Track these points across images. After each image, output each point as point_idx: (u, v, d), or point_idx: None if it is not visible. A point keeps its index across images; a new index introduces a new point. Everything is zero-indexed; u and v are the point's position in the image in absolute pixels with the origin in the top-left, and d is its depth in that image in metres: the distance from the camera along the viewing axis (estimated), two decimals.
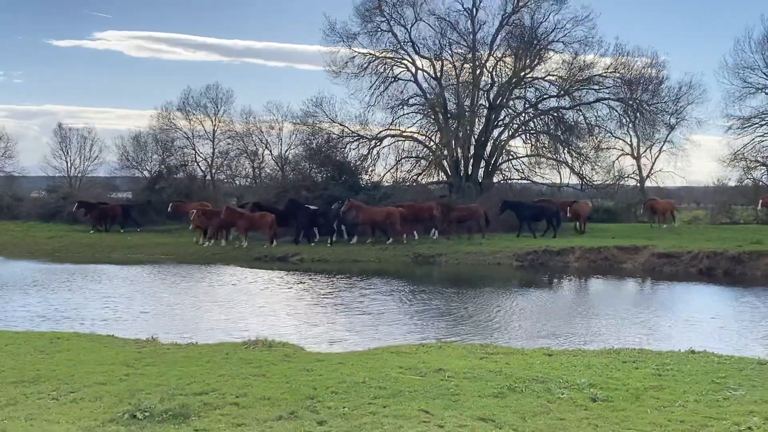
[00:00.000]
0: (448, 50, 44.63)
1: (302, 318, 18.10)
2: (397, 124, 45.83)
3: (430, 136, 46.27)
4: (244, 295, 22.08)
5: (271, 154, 54.54)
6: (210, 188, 52.38)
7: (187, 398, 8.51)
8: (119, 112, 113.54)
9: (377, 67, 44.95)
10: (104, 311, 18.84)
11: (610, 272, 28.52)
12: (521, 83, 44.88)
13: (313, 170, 44.12)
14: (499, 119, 45.53)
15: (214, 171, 55.09)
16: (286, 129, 53.18)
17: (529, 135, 46.09)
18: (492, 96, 44.83)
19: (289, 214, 36.04)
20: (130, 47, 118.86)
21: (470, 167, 44.55)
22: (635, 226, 38.75)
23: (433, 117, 45.44)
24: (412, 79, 45.36)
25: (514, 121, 46.07)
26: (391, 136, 45.94)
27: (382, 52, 44.83)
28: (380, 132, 45.68)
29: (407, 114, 46.09)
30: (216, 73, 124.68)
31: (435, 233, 35.60)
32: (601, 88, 44.55)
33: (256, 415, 8.00)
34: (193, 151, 54.58)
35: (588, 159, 44.89)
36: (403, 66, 45.45)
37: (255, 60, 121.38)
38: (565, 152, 44.80)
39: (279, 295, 22.53)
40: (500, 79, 44.86)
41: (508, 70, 44.68)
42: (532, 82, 45.14)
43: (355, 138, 45.36)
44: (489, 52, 44.58)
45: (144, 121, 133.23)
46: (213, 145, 54.93)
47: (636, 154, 53.04)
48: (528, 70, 44.46)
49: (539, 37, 43.65)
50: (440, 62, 44.66)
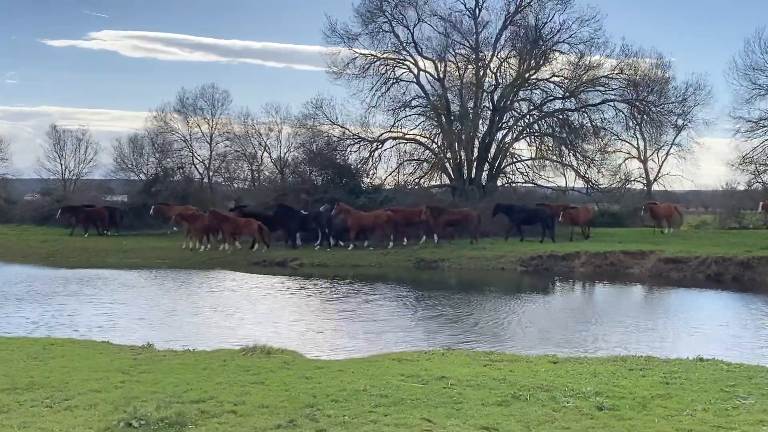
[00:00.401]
0: (451, 51, 44.48)
1: (305, 325, 17.95)
2: (399, 127, 45.72)
3: (432, 138, 46.12)
4: (246, 301, 21.91)
5: (270, 157, 54.32)
6: (208, 191, 52.12)
7: (184, 406, 8.37)
8: (114, 113, 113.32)
9: (379, 68, 44.83)
10: (99, 317, 18.68)
11: (617, 278, 28.29)
12: (526, 84, 44.71)
13: (313, 173, 43.91)
14: (503, 121, 45.32)
15: (211, 174, 54.84)
16: (285, 131, 52.99)
17: (533, 137, 45.88)
18: (496, 97, 44.68)
19: (275, 218, 35.96)
20: (125, 47, 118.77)
21: (473, 170, 44.36)
22: (642, 230, 38.53)
23: (435, 119, 45.29)
24: (415, 81, 45.24)
25: (519, 123, 45.90)
26: (393, 138, 45.78)
27: (384, 53, 44.69)
28: (382, 134, 45.54)
29: (409, 116, 45.98)
30: (213, 73, 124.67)
31: (424, 237, 35.35)
32: (607, 89, 44.40)
33: (255, 424, 7.86)
34: (191, 154, 54.31)
35: (594, 162, 44.71)
36: (405, 67, 45.31)
37: (253, 60, 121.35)
38: (570, 155, 44.60)
39: (281, 301, 22.33)
40: (504, 81, 44.66)
41: (512, 71, 44.48)
42: (537, 83, 44.98)
43: (356, 140, 45.20)
44: (493, 52, 44.44)
45: (140, 123, 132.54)
46: (210, 147, 54.64)
47: (643, 157, 52.78)
48: (533, 71, 44.28)
49: (544, 37, 43.48)
50: (443, 63, 44.46)
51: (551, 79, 44.67)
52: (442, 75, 44.53)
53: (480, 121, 44.84)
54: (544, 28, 43.46)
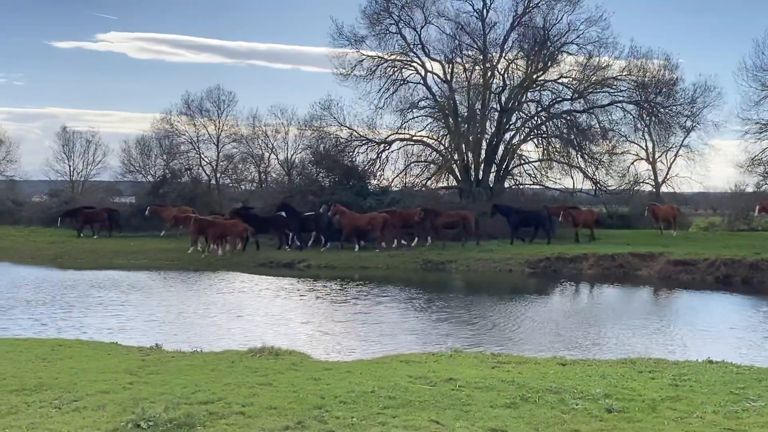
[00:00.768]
0: (459, 52, 44.42)
1: (316, 327, 17.93)
2: (407, 128, 45.67)
3: (439, 139, 46.05)
4: (256, 303, 21.89)
5: (277, 159, 54.39)
6: (215, 193, 52.15)
7: (192, 407, 8.34)
8: (122, 115, 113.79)
9: (386, 69, 44.76)
10: (108, 318, 18.71)
11: (625, 280, 28.20)
12: (533, 86, 44.61)
13: (321, 175, 43.89)
14: (510, 122, 45.27)
15: (219, 175, 54.86)
16: (292, 133, 53.01)
17: (541, 139, 45.76)
18: (503, 99, 44.60)
19: (268, 221, 35.94)
20: (132, 49, 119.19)
21: (481, 172, 44.27)
22: (650, 232, 38.36)
23: (443, 120, 45.24)
24: (422, 82, 45.17)
25: (526, 125, 45.79)
26: (400, 139, 45.76)
27: (391, 55, 44.63)
28: (389, 136, 45.51)
29: (417, 117, 45.92)
30: (220, 75, 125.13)
31: (416, 240, 35.23)
32: (615, 90, 44.25)
33: (263, 425, 7.83)
34: (198, 155, 54.38)
35: (602, 163, 44.56)
36: (413, 68, 45.26)
37: (260, 62, 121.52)
38: (578, 156, 44.44)
39: (292, 303, 22.28)
40: (512, 82, 44.59)
41: (520, 73, 44.40)
42: (545, 84, 44.85)
43: (364, 142, 45.17)
44: (500, 54, 44.34)
45: (147, 125, 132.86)
46: (218, 149, 54.73)
47: (651, 159, 52.60)
48: (540, 72, 44.19)
49: (552, 38, 43.37)
50: (450, 65, 44.42)
51: (559, 80, 44.55)
52: (449, 76, 44.50)
53: (487, 123, 44.78)
54: (552, 29, 43.38)
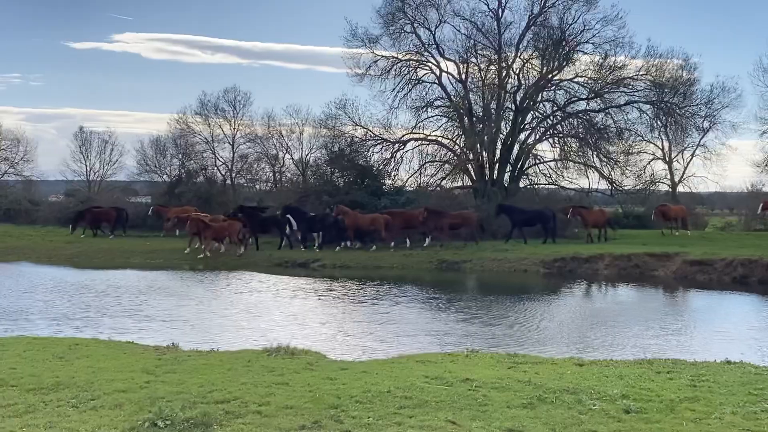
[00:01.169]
0: (473, 52, 44.31)
1: (334, 327, 17.87)
2: (421, 128, 45.65)
3: (454, 139, 45.98)
4: (274, 303, 21.86)
5: (292, 158, 54.44)
6: (230, 193, 52.30)
7: (209, 406, 8.37)
8: (138, 115, 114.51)
9: (401, 69, 44.76)
10: (124, 317, 18.74)
11: (641, 280, 28.01)
12: (549, 85, 44.45)
13: (335, 174, 43.93)
14: (525, 122, 45.15)
15: (233, 175, 55.05)
16: (306, 132, 53.08)
17: (556, 138, 45.59)
18: (519, 98, 44.47)
19: (269, 221, 35.96)
20: (148, 49, 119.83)
21: (496, 171, 44.19)
22: (666, 232, 38.17)
23: (457, 120, 45.15)
24: (437, 82, 45.15)
25: (542, 124, 45.64)
26: (415, 139, 45.71)
27: (406, 55, 44.62)
28: (404, 135, 45.51)
29: (431, 117, 45.92)
30: (235, 75, 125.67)
31: (427, 240, 35.19)
32: (631, 90, 44.00)
33: (279, 425, 7.84)
34: (213, 155, 54.56)
35: (618, 163, 44.32)
36: (427, 68, 45.25)
37: (274, 62, 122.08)
38: (594, 156, 44.24)
39: (310, 302, 22.24)
40: (527, 81, 44.47)
41: (535, 72, 44.27)
42: (560, 83, 44.69)
43: (378, 141, 45.16)
44: (515, 53, 44.20)
45: (162, 125, 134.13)
46: (233, 149, 54.86)
47: (668, 159, 52.30)
48: (556, 72, 44.01)
49: (567, 38, 43.20)
50: (465, 64, 44.32)
51: (575, 80, 44.37)
52: (464, 76, 44.39)
53: (502, 122, 44.67)
54: (568, 29, 43.19)
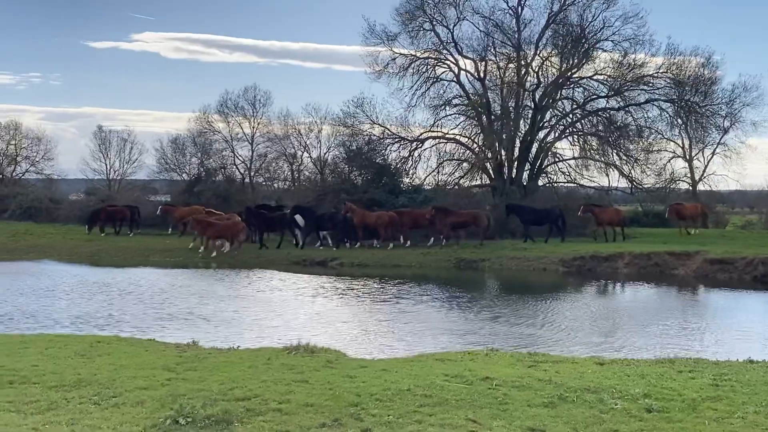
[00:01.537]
0: (492, 50, 44.15)
1: (357, 325, 17.89)
2: (439, 126, 45.46)
3: (472, 138, 45.80)
4: (295, 301, 21.84)
5: (310, 157, 54.52)
6: (249, 191, 52.46)
7: (230, 404, 8.41)
8: (157, 114, 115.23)
9: (419, 67, 44.58)
10: (145, 315, 18.83)
11: (661, 279, 27.80)
12: (568, 83, 44.22)
13: (353, 173, 43.93)
14: (544, 120, 44.88)
15: (252, 174, 55.22)
16: (325, 131, 53.13)
17: (576, 136, 45.34)
18: (538, 96, 44.23)
19: (274, 220, 36.16)
20: (167, 49, 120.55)
21: (514, 170, 43.96)
22: (684, 231, 37.91)
23: (476, 118, 45.00)
24: (455, 80, 44.95)
25: (561, 122, 45.40)
26: (433, 138, 45.56)
27: (424, 53, 44.49)
28: (422, 134, 45.33)
29: (449, 115, 45.70)
30: (253, 74, 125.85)
31: (443, 240, 35.00)
32: (651, 88, 43.70)
33: (300, 422, 7.87)
34: (232, 154, 54.75)
35: (638, 161, 44.00)
36: (446, 66, 45.05)
37: (292, 61, 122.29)
38: (614, 154, 43.96)
39: (332, 301, 22.21)
40: (546, 79, 44.23)
41: (554, 70, 44.01)
42: (580, 81, 44.43)
43: (396, 140, 45.06)
44: (535, 51, 43.94)
45: (181, 124, 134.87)
46: (252, 147, 55.02)
47: (688, 157, 51.92)
48: (575, 70, 43.77)
49: (587, 35, 42.96)
50: (484, 62, 44.17)
51: (594, 78, 44.09)
52: (482, 74, 44.20)
53: (521, 120, 44.48)
54: (588, 27, 42.95)
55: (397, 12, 44.12)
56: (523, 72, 43.89)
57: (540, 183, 44.92)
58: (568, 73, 43.67)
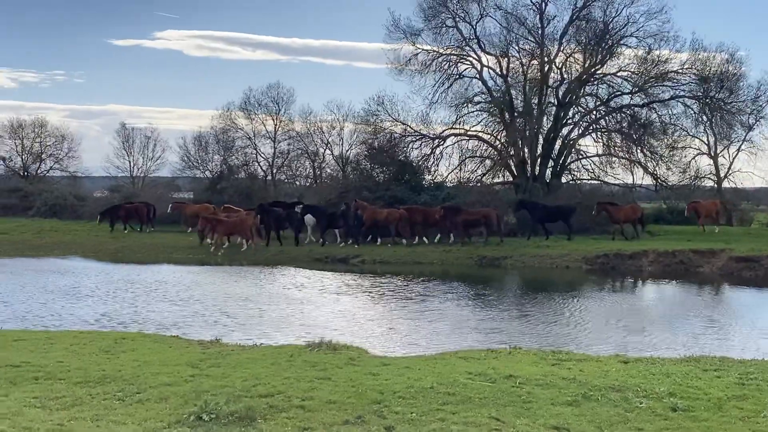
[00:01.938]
0: (515, 46, 43.92)
1: (384, 323, 17.89)
2: (462, 123, 45.24)
3: (495, 135, 45.57)
4: (322, 299, 21.81)
5: (332, 154, 54.57)
6: (271, 189, 52.60)
7: (253, 400, 8.45)
8: (180, 112, 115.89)
9: (441, 64, 44.37)
10: (169, 312, 18.92)
11: (686, 277, 27.55)
12: (591, 79, 43.90)
13: (375, 170, 43.88)
14: (568, 117, 44.56)
15: (274, 171, 55.36)
16: (347, 128, 53.15)
17: (600, 133, 45.00)
18: (561, 93, 43.95)
19: (284, 216, 36.19)
20: (189, 47, 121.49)
21: (537, 167, 43.69)
22: (711, 228, 37.56)
23: (498, 115, 44.78)
24: (477, 77, 44.68)
25: (584, 119, 45.05)
26: (455, 135, 45.37)
27: (447, 49, 44.28)
28: (443, 131, 45.13)
29: (472, 112, 45.45)
30: (274, 71, 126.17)
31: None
32: (676, 84, 43.30)
33: (323, 419, 7.89)
34: (254, 151, 54.97)
35: (662, 158, 43.58)
36: (468, 63, 44.81)
37: (313, 58, 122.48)
38: (638, 151, 43.55)
39: (358, 298, 22.20)
40: (570, 76, 43.92)
41: (578, 66, 43.69)
42: (603, 78, 44.08)
43: (418, 137, 44.93)
44: (558, 47, 43.63)
45: (204, 121, 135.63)
46: (274, 144, 55.18)
47: (713, 154, 51.34)
48: (599, 66, 43.43)
49: (611, 31, 42.63)
50: (506, 59, 43.95)
51: (618, 74, 43.70)
52: (505, 71, 43.99)
53: (544, 117, 44.19)
54: (612, 23, 42.62)
55: (420, 8, 44.02)
56: (546, 68, 43.62)
57: (563, 180, 44.64)
58: (592, 70, 43.37)
